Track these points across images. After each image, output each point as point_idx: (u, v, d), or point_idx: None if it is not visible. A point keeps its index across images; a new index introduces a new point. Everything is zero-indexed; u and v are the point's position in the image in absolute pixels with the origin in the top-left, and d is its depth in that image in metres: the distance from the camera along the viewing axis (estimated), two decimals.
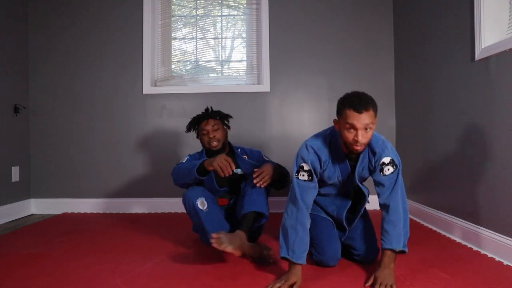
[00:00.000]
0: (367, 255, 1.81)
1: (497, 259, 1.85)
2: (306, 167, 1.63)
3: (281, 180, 2.07)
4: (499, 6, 2.00)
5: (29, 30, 3.25)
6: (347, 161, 1.68)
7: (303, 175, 1.63)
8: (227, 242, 1.65)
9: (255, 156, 2.27)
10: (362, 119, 1.54)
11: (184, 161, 2.16)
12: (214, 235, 1.65)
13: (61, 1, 3.27)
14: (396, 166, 1.68)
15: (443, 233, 2.37)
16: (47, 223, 2.80)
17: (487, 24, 2.00)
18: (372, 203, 2.03)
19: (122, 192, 3.23)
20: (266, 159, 2.24)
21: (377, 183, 1.69)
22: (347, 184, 1.78)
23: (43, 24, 3.26)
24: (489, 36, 2.00)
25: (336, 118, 1.64)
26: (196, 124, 2.23)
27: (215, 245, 1.62)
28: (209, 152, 2.19)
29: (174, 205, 3.01)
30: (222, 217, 2.02)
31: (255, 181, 1.92)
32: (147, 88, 3.25)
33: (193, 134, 2.29)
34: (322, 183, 1.74)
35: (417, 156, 2.82)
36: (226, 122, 2.27)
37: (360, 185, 1.78)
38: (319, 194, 1.76)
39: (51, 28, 3.26)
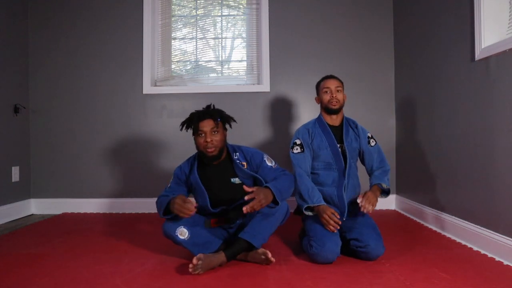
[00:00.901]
0: (373, 247, 1.79)
1: (497, 259, 1.85)
2: (298, 142, 2.10)
3: (283, 198, 1.85)
4: (499, 6, 2.00)
5: (29, 30, 3.25)
6: (330, 129, 2.08)
7: (296, 149, 2.09)
8: (201, 268, 1.66)
9: (255, 161, 1.99)
10: (333, 82, 2.10)
11: (168, 187, 1.98)
12: (190, 265, 1.64)
13: (61, 1, 3.27)
14: (375, 140, 2.17)
15: (443, 233, 2.37)
16: (47, 223, 2.80)
17: (487, 24, 2.00)
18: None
19: (122, 192, 3.24)
20: (268, 163, 1.98)
21: (368, 153, 2.12)
22: (338, 158, 2.05)
23: (43, 24, 3.26)
24: (489, 36, 2.00)
25: (317, 96, 2.19)
26: (193, 122, 1.94)
27: (190, 270, 1.64)
28: (203, 156, 1.95)
29: None
30: (208, 237, 1.86)
31: (244, 209, 1.69)
32: (147, 88, 3.25)
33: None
34: (316, 158, 2.09)
35: (417, 156, 2.82)
36: (228, 125, 2.02)
37: (348, 153, 2.04)
38: (318, 170, 2.08)
39: (51, 28, 3.27)
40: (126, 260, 1.90)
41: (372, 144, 2.13)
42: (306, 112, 3.24)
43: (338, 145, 2.07)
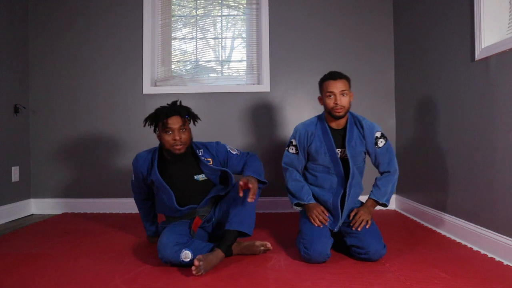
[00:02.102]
0: (374, 253, 1.78)
1: (497, 259, 1.85)
2: (294, 142, 2.04)
3: (263, 177, 1.92)
4: (499, 6, 2.00)
5: (29, 30, 3.25)
6: (330, 134, 1.96)
7: (292, 149, 2.06)
8: (203, 269, 1.64)
9: (222, 155, 2.00)
10: (338, 85, 1.90)
11: (131, 181, 2.13)
12: (193, 267, 1.62)
13: (61, 1, 3.27)
14: (386, 138, 1.99)
15: (443, 233, 2.37)
16: (47, 223, 2.80)
17: (487, 24, 2.00)
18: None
19: (122, 192, 3.23)
20: (233, 153, 2.00)
21: (374, 155, 1.98)
22: (337, 164, 1.96)
23: (43, 24, 3.26)
24: (489, 36, 2.00)
25: (320, 95, 2.01)
26: (158, 118, 1.88)
27: (193, 272, 1.62)
28: (167, 154, 1.92)
29: None
30: (205, 246, 1.82)
31: (249, 199, 1.73)
32: (147, 88, 3.25)
33: (192, 133, 2.08)
34: (313, 160, 2.03)
35: (417, 156, 2.82)
36: (194, 122, 1.98)
37: (350, 160, 1.92)
38: (316, 172, 2.03)
39: (51, 28, 3.26)
40: (126, 260, 1.90)
41: (380, 144, 1.96)
42: (306, 112, 3.23)
43: (339, 150, 1.97)
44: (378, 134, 1.98)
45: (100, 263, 1.86)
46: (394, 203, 3.23)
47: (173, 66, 3.43)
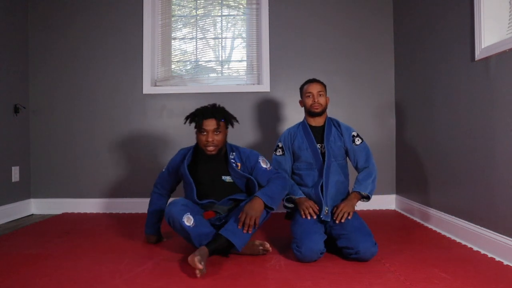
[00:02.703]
0: (364, 251, 1.78)
1: (497, 259, 1.85)
2: (280, 145, 2.22)
3: (275, 202, 1.90)
4: (499, 6, 2.00)
5: (29, 30, 3.25)
6: (310, 131, 2.15)
7: (279, 151, 2.22)
8: (204, 267, 1.63)
9: (250, 163, 2.03)
10: (315, 87, 2.16)
11: (161, 173, 2.19)
12: (197, 270, 1.61)
13: (61, 1, 3.27)
14: (361, 138, 2.18)
15: (443, 233, 2.37)
16: (47, 223, 2.80)
17: (487, 24, 2.00)
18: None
19: (122, 192, 3.23)
20: (263, 165, 2.02)
21: (353, 151, 2.15)
22: (317, 157, 2.10)
23: (43, 24, 3.26)
24: (489, 36, 2.00)
25: (301, 99, 2.25)
26: (196, 119, 1.97)
27: (198, 275, 1.63)
28: (201, 152, 2.00)
29: None
30: (208, 227, 1.87)
31: (244, 230, 1.78)
32: (147, 88, 3.25)
33: (193, 133, 2.10)
34: (297, 159, 2.17)
35: (417, 156, 2.82)
36: (231, 125, 2.07)
37: (327, 151, 2.08)
38: (300, 170, 2.16)
39: (51, 28, 3.26)
40: (126, 260, 1.90)
41: (358, 142, 2.15)
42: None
43: (319, 145, 2.13)
44: (354, 133, 2.18)
45: (100, 263, 1.86)
46: (394, 203, 3.23)
47: (173, 66, 3.43)
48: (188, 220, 1.80)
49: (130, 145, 3.24)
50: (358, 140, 2.16)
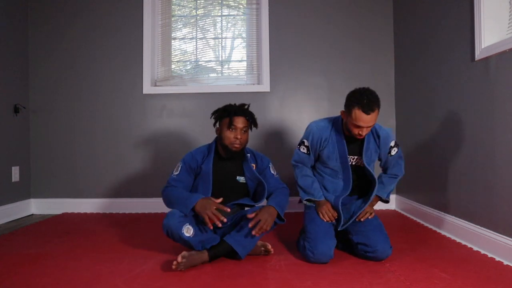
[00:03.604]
0: (381, 251, 1.79)
1: (497, 259, 1.85)
2: (306, 143, 2.03)
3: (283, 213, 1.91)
4: (499, 6, 2.00)
5: (29, 30, 3.25)
6: (345, 142, 1.96)
7: (303, 148, 2.05)
8: (183, 266, 1.70)
9: (262, 166, 2.06)
10: (368, 120, 1.79)
11: (176, 174, 1.96)
12: (174, 262, 1.68)
13: (61, 1, 3.27)
14: (398, 145, 2.04)
15: (443, 233, 2.37)
16: (47, 223, 2.80)
17: (487, 24, 2.00)
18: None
19: (122, 192, 3.23)
20: (272, 172, 2.06)
21: (386, 161, 2.04)
22: (347, 170, 1.99)
23: (43, 24, 3.26)
24: (489, 36, 2.00)
25: (344, 110, 1.91)
26: (228, 115, 1.94)
27: (173, 267, 1.69)
28: (223, 149, 1.97)
29: None
30: (208, 233, 1.85)
31: (253, 232, 1.76)
32: (147, 88, 3.25)
33: (193, 133, 2.10)
34: (323, 163, 2.05)
35: (417, 156, 2.82)
36: (254, 128, 2.06)
37: (368, 168, 1.97)
38: (323, 173, 2.07)
39: (51, 28, 3.26)
40: (126, 260, 1.90)
41: (393, 153, 2.01)
42: (306, 112, 3.24)
43: (351, 157, 1.99)
44: (392, 143, 2.01)
45: (100, 263, 1.86)
46: (394, 203, 3.23)
47: (173, 66, 3.43)
48: (187, 231, 1.77)
49: (130, 145, 3.24)
50: (394, 150, 2.00)
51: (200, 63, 3.45)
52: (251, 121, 2.00)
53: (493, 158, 1.94)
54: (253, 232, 1.76)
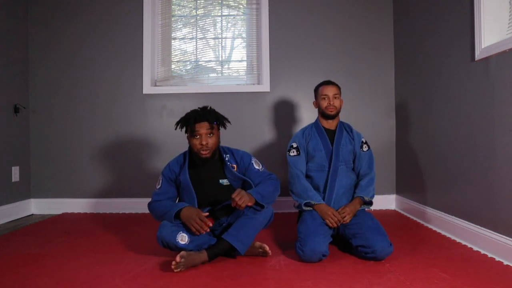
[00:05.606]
0: (380, 251, 1.80)
1: (497, 259, 1.85)
2: (294, 145, 2.19)
3: (267, 202, 1.87)
4: (499, 6, 2.00)
5: (29, 30, 3.25)
6: (325, 132, 2.17)
7: (293, 152, 2.18)
8: (182, 266, 1.71)
9: (244, 164, 2.01)
10: (331, 89, 2.16)
11: (159, 188, 1.98)
12: (173, 262, 1.70)
13: (61, 1, 3.27)
14: (369, 146, 2.23)
15: (443, 233, 2.37)
16: (47, 223, 2.80)
17: (487, 24, 2.00)
18: (376, 204, 2.12)
19: (122, 192, 3.23)
20: (255, 167, 2.01)
21: (359, 157, 2.18)
22: (331, 160, 2.13)
23: (43, 24, 3.26)
24: (489, 36, 2.00)
25: (315, 101, 2.25)
26: (188, 123, 1.92)
27: (172, 267, 1.70)
28: (195, 157, 1.94)
29: None
30: (205, 236, 1.86)
31: (232, 203, 1.76)
32: (147, 88, 3.25)
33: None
34: (310, 158, 2.17)
35: (417, 156, 2.82)
36: (224, 127, 2.01)
37: (334, 152, 2.11)
38: (311, 172, 2.16)
39: (51, 28, 3.27)
40: (126, 260, 1.90)
41: (365, 149, 2.19)
42: (306, 112, 3.24)
43: (332, 147, 2.14)
44: (363, 140, 2.22)
45: (100, 263, 1.86)
46: (394, 203, 3.23)
47: (173, 66, 3.43)
48: (182, 239, 1.78)
49: (130, 145, 3.24)
50: (365, 147, 2.20)
51: (200, 63, 3.45)
52: (217, 122, 1.95)
53: (493, 158, 1.94)
54: (232, 204, 1.74)
